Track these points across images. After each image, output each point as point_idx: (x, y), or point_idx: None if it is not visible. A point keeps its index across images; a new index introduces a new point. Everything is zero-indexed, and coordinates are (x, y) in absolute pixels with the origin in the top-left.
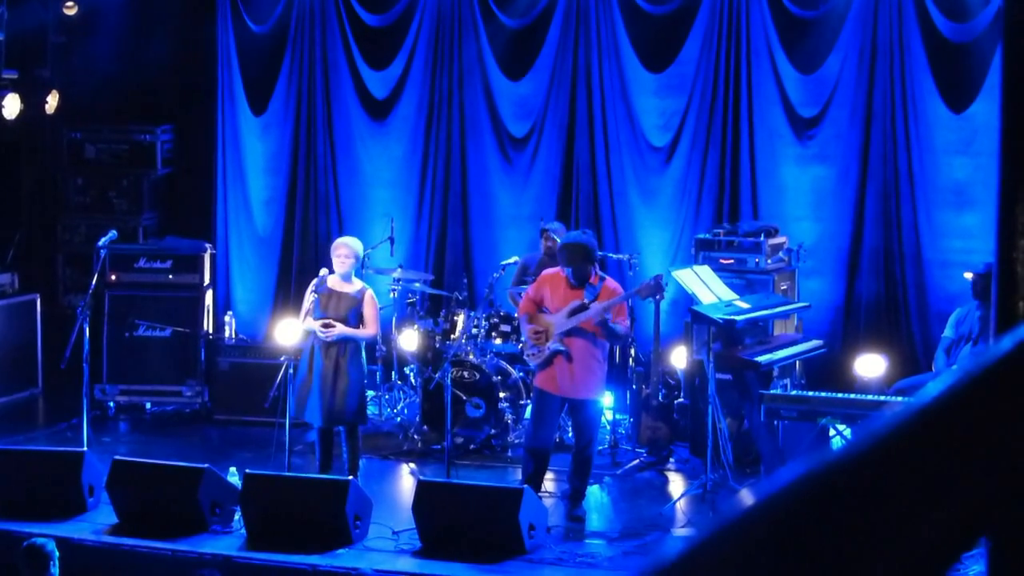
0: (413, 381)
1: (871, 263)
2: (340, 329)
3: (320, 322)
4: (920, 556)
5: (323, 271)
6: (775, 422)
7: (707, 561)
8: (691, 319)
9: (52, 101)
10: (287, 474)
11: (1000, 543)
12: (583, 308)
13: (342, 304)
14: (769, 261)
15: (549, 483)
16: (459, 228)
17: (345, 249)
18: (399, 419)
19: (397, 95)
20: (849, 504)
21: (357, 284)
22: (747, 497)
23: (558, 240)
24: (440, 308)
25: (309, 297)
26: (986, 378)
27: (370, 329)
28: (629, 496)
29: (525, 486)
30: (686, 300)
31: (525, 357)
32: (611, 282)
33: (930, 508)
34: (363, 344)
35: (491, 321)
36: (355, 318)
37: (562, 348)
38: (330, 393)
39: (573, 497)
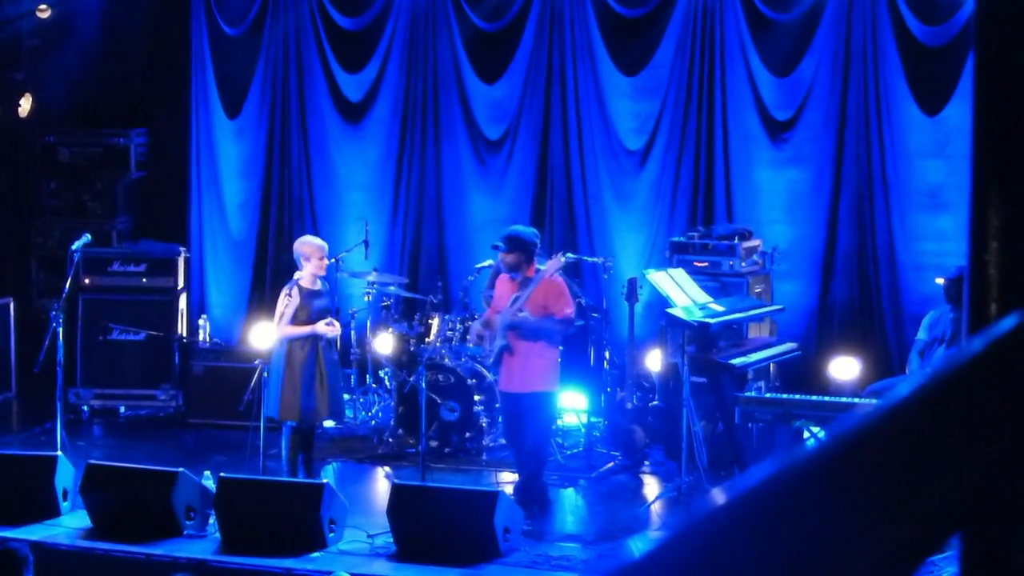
0: (388, 384)
1: (845, 266)
2: (338, 325)
3: (322, 323)
4: (891, 553)
5: (297, 274)
6: (749, 425)
7: (678, 557)
8: (666, 322)
9: (25, 104)
10: (262, 478)
11: (972, 543)
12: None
13: (321, 301)
14: (743, 264)
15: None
16: (434, 231)
17: (325, 250)
18: (374, 422)
19: (372, 98)
20: (821, 501)
21: (319, 281)
22: (719, 495)
23: None
24: (415, 311)
25: (284, 301)
26: (958, 378)
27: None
28: (604, 499)
29: (500, 490)
30: (661, 303)
31: (482, 358)
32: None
33: (901, 506)
34: None
35: (466, 324)
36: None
37: (505, 343)
38: (326, 390)
39: (520, 501)
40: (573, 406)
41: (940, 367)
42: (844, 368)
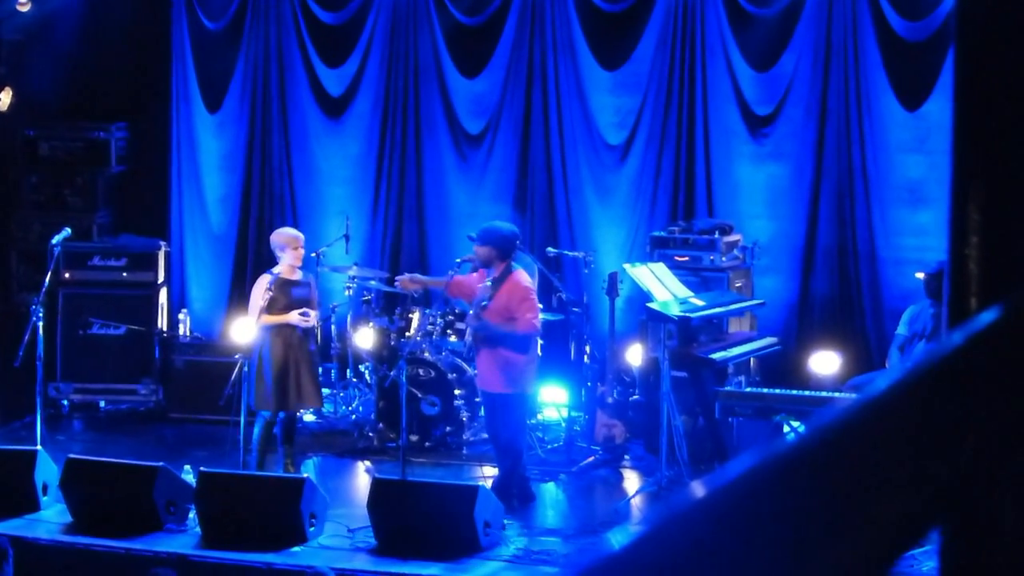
0: (368, 379)
1: (825, 261)
2: (314, 316)
3: (296, 312)
4: (871, 547)
5: (277, 268)
6: (730, 419)
7: (658, 551)
8: (646, 316)
9: (6, 99)
10: (242, 472)
11: (952, 537)
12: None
13: (299, 291)
14: (724, 259)
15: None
16: (414, 225)
17: (300, 240)
18: (354, 417)
19: (352, 92)
20: (801, 495)
21: (299, 272)
22: (699, 489)
23: None
24: (395, 306)
25: (261, 294)
26: (938, 373)
27: (317, 312)
28: (584, 493)
29: (480, 484)
30: (641, 297)
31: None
32: (517, 276)
33: (881, 500)
34: None
35: (446, 319)
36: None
37: (471, 341)
38: (302, 380)
39: (499, 495)
40: (554, 400)
41: (920, 362)
42: (824, 363)
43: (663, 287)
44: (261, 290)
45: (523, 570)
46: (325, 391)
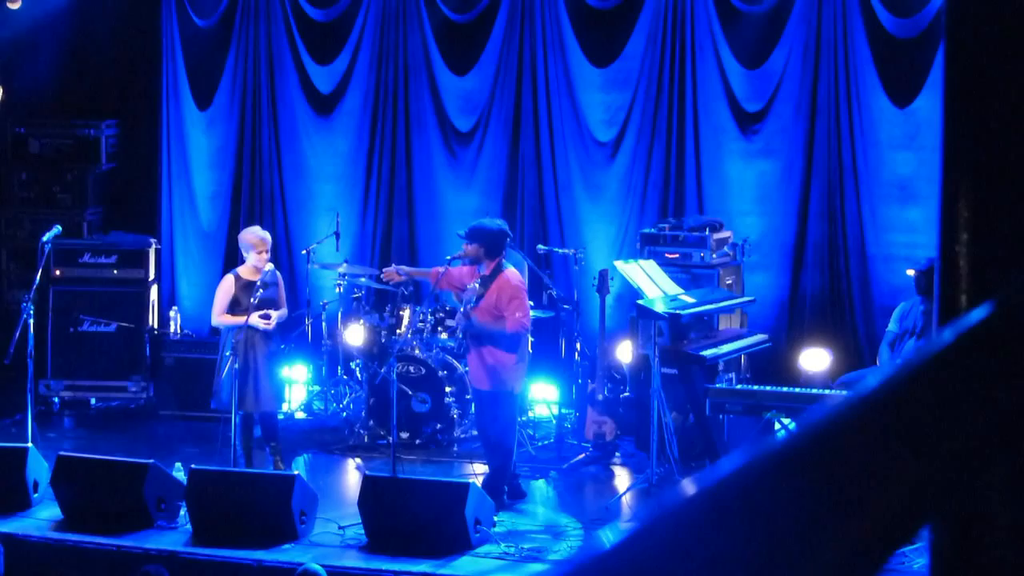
0: (359, 376)
1: (815, 257)
2: (276, 317)
3: (256, 314)
4: (861, 544)
5: (267, 265)
6: (720, 416)
7: (649, 548)
8: (637, 313)
9: None
10: (232, 469)
11: (942, 534)
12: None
13: (268, 291)
14: (714, 256)
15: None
16: (404, 223)
17: (268, 244)
18: (345, 414)
19: (342, 90)
20: (791, 493)
21: (270, 272)
22: (690, 487)
23: None
24: (386, 303)
25: (225, 294)
26: (928, 370)
27: (285, 308)
28: (575, 490)
29: (471, 482)
30: (632, 294)
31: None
32: (508, 274)
33: (871, 497)
34: None
35: (437, 316)
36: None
37: (462, 338)
38: (260, 383)
39: (489, 493)
40: (544, 398)
41: (910, 359)
42: (814, 360)
43: (653, 284)
44: (224, 290)
45: (513, 567)
46: (315, 388)
